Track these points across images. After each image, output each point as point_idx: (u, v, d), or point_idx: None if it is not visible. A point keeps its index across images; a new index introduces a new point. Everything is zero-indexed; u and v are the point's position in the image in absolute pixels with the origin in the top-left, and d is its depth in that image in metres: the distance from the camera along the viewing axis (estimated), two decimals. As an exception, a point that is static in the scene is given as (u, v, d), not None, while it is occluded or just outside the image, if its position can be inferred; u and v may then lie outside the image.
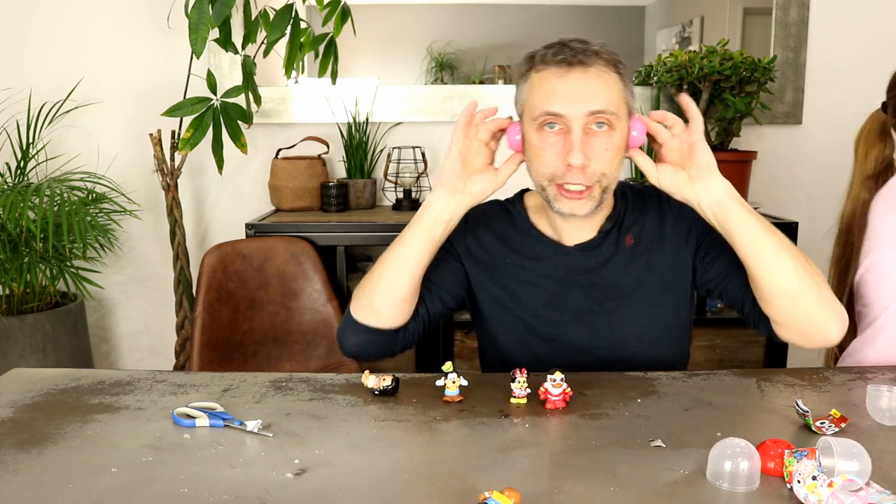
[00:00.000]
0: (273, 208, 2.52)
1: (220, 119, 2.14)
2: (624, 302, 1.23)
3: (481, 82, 2.57)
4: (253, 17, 2.18)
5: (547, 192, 1.17)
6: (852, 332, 1.35)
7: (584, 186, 1.13)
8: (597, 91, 1.12)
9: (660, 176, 1.13)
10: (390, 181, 2.51)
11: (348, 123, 2.50)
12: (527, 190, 1.35)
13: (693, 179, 1.10)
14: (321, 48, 2.27)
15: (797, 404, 0.92)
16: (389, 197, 2.57)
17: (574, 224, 1.24)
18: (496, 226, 1.31)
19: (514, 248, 1.28)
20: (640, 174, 2.51)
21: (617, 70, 1.15)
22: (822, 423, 0.90)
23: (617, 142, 1.14)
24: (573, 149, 1.11)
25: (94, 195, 2.34)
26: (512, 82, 1.22)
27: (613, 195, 1.25)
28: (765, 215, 2.43)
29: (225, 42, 2.14)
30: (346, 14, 2.22)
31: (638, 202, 1.29)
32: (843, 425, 0.90)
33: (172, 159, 2.29)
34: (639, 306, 1.23)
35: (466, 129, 1.17)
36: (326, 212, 2.43)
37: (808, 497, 0.72)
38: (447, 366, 1.02)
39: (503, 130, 1.18)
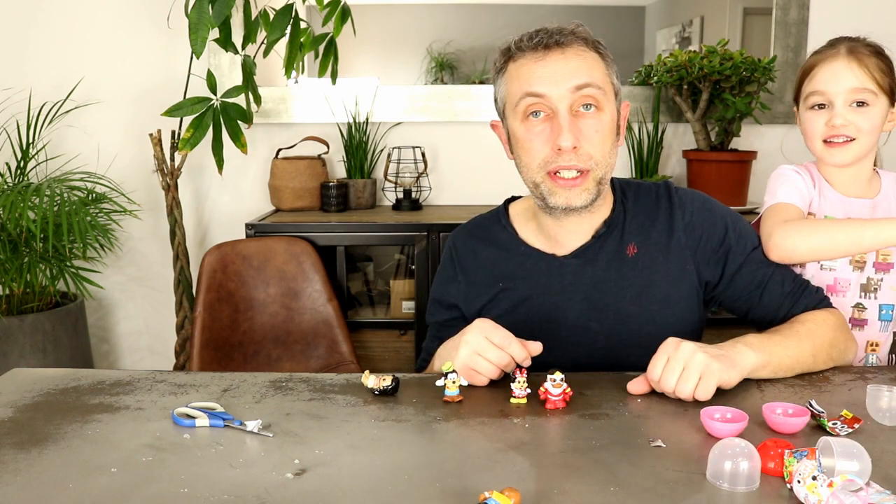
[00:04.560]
0: (273, 208, 2.52)
1: (220, 119, 2.15)
2: (623, 319, 1.18)
3: (481, 82, 2.57)
4: (253, 17, 2.18)
5: (541, 188, 1.13)
6: None
7: (578, 172, 1.09)
8: (578, 68, 1.09)
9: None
10: (390, 181, 2.51)
11: (348, 123, 2.50)
12: (511, 200, 1.31)
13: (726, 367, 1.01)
14: (321, 48, 2.27)
15: (811, 404, 0.92)
16: (389, 197, 2.57)
17: (569, 227, 1.18)
18: (482, 254, 1.26)
19: (504, 272, 1.23)
20: (640, 172, 2.51)
21: (597, 50, 1.12)
22: (834, 424, 0.89)
23: (607, 123, 1.10)
24: (562, 131, 1.07)
25: (94, 195, 2.34)
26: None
27: (612, 192, 1.21)
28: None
29: (225, 42, 2.14)
30: (346, 14, 2.22)
31: (644, 206, 1.21)
32: (856, 426, 0.89)
33: (172, 159, 2.29)
34: (639, 324, 1.18)
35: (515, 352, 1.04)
36: (326, 212, 2.43)
37: (808, 497, 0.72)
38: (447, 366, 1.02)
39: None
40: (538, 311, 1.20)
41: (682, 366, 0.98)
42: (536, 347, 1.06)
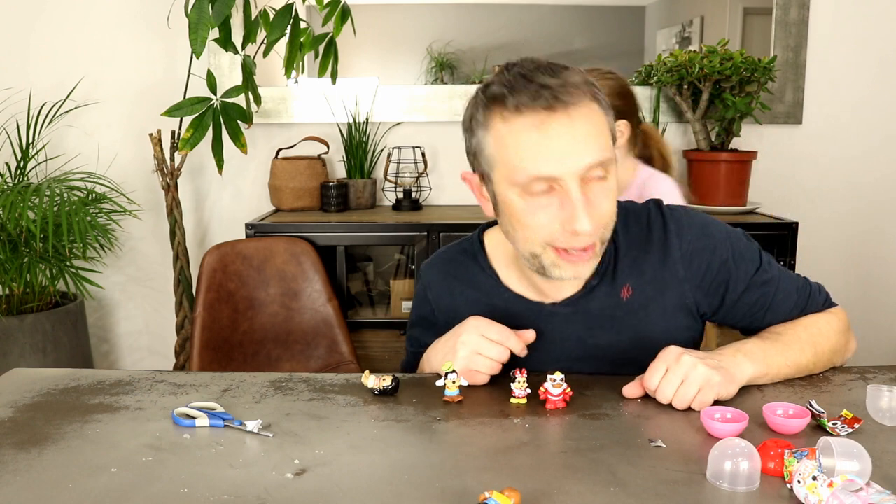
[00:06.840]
0: (273, 208, 2.52)
1: (220, 119, 2.15)
2: (620, 368, 1.10)
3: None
4: (253, 17, 2.18)
5: (541, 259, 1.02)
6: None
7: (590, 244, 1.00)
8: (588, 138, 0.96)
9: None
10: (390, 181, 2.51)
11: (348, 123, 2.50)
12: (485, 228, 1.20)
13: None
14: (321, 48, 2.27)
15: (811, 405, 0.92)
16: (389, 197, 2.57)
17: (559, 283, 1.09)
18: (460, 297, 1.17)
19: (487, 318, 1.09)
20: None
21: (596, 98, 0.99)
22: (834, 424, 0.89)
23: (613, 186, 1.01)
24: (577, 214, 0.95)
25: (93, 195, 2.34)
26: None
27: None
28: (764, 215, 2.43)
29: (225, 42, 2.14)
30: (346, 14, 2.22)
31: (635, 237, 1.12)
32: (856, 426, 0.89)
33: (172, 159, 2.29)
34: (636, 370, 1.05)
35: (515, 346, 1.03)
36: (326, 212, 2.43)
37: (808, 497, 0.72)
38: (447, 366, 1.02)
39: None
40: (528, 360, 1.09)
41: (681, 378, 0.96)
42: (530, 335, 1.05)
